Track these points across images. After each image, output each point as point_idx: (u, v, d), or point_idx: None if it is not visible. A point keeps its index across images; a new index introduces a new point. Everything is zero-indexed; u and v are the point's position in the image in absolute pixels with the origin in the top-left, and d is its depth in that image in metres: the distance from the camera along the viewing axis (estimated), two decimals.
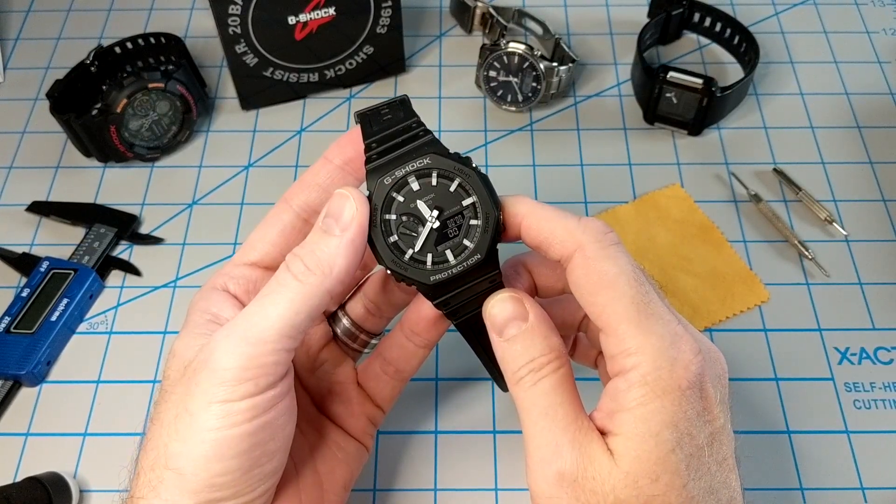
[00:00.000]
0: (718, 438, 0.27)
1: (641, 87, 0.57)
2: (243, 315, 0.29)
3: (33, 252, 0.51)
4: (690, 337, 0.27)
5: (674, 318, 0.28)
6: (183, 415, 0.28)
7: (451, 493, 0.42)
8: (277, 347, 0.28)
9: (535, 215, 0.29)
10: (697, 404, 0.27)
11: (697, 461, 0.26)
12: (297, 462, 0.33)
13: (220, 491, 0.28)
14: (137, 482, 0.29)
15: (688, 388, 0.26)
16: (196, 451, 0.27)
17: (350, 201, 0.29)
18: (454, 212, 0.30)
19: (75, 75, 0.54)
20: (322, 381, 0.36)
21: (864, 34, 0.62)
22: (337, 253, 0.29)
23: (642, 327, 0.27)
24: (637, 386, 0.26)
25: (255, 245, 0.33)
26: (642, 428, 0.26)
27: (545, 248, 0.29)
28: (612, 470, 0.26)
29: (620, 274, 0.27)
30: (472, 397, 0.45)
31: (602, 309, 0.27)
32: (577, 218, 0.29)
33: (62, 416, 0.45)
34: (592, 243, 0.28)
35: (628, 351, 0.27)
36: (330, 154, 0.32)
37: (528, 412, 0.29)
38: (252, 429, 0.28)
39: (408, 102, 0.31)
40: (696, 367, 0.27)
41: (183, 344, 0.30)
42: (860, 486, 0.42)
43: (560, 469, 0.27)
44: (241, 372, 0.27)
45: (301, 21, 0.53)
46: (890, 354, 0.47)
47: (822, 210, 0.51)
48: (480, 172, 0.30)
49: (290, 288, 0.28)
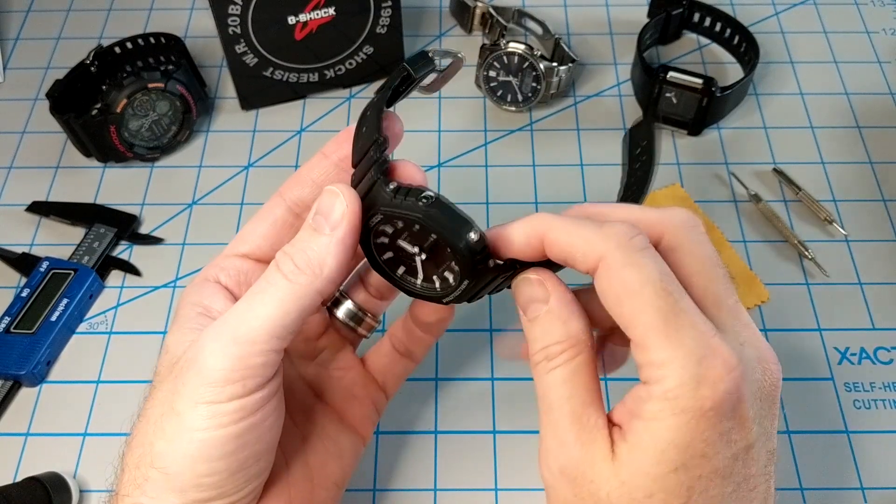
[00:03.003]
0: (743, 458, 0.26)
1: (641, 87, 0.57)
2: (232, 313, 0.28)
3: (33, 252, 0.51)
4: (729, 349, 0.25)
5: (709, 328, 0.26)
6: (169, 414, 0.28)
7: (451, 493, 0.42)
8: (266, 348, 0.28)
9: (555, 230, 0.28)
10: (722, 424, 0.25)
11: (707, 483, 0.25)
12: (288, 456, 0.33)
13: (207, 491, 0.28)
14: (123, 479, 0.29)
15: (711, 408, 0.25)
16: (182, 451, 0.27)
17: (340, 198, 0.28)
18: (431, 244, 0.29)
19: (75, 75, 0.54)
20: (322, 368, 0.36)
21: (864, 34, 0.62)
22: (327, 252, 0.28)
23: (671, 339, 0.25)
24: (657, 400, 0.25)
25: (247, 237, 0.33)
26: (649, 442, 0.25)
27: (571, 263, 0.28)
28: (609, 477, 0.26)
29: (646, 282, 0.26)
30: (472, 397, 0.45)
31: (628, 320, 0.26)
32: (599, 225, 0.27)
33: (62, 416, 0.45)
34: (614, 251, 0.26)
35: (654, 363, 0.25)
36: (327, 150, 0.32)
37: (541, 400, 0.28)
38: (239, 430, 0.27)
39: (371, 118, 0.30)
40: (725, 385, 0.25)
41: (174, 339, 0.30)
42: (860, 486, 0.42)
43: (562, 465, 0.27)
44: (229, 373, 0.27)
45: (301, 21, 0.53)
46: (890, 354, 0.47)
47: (821, 210, 0.51)
48: (429, 205, 0.28)
49: (280, 287, 0.28)
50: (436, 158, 0.55)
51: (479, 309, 0.48)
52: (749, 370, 0.26)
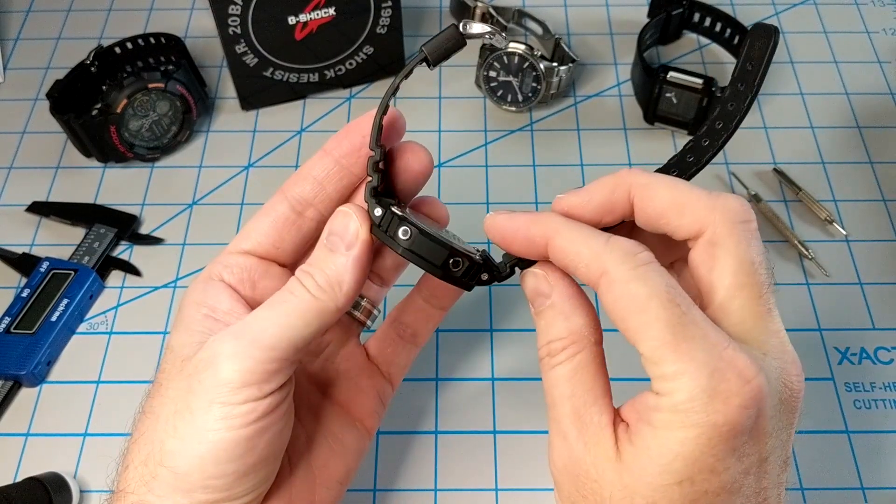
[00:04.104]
0: (756, 472, 0.25)
1: (641, 87, 0.57)
2: (253, 318, 0.29)
3: (33, 252, 0.51)
4: (746, 360, 0.24)
5: (722, 339, 0.25)
6: (183, 412, 0.28)
7: (451, 494, 0.42)
8: (283, 356, 0.28)
9: (561, 236, 0.28)
10: (736, 440, 0.24)
11: (713, 498, 0.25)
12: (291, 457, 0.33)
13: (213, 493, 0.28)
14: (126, 476, 0.29)
15: (724, 423, 0.24)
16: (193, 451, 0.27)
17: (353, 219, 0.29)
18: None
19: (75, 75, 0.54)
20: (328, 363, 0.36)
21: (864, 34, 0.62)
22: (345, 270, 0.29)
23: (680, 351, 0.24)
24: (667, 411, 0.25)
25: (250, 234, 0.33)
26: (656, 451, 0.25)
27: (572, 272, 0.28)
28: (613, 479, 0.26)
29: (652, 296, 0.25)
30: (472, 397, 0.45)
31: (636, 334, 0.26)
32: (606, 237, 0.27)
33: (62, 416, 0.45)
34: (619, 265, 0.26)
35: (665, 377, 0.25)
36: (328, 146, 0.32)
37: (547, 394, 0.28)
38: (250, 433, 0.28)
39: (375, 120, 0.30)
40: (740, 399, 0.24)
41: (179, 340, 0.30)
42: (860, 486, 0.42)
43: (566, 462, 0.27)
44: (247, 375, 0.27)
45: (301, 21, 0.53)
46: (890, 354, 0.47)
47: (822, 210, 0.51)
48: (407, 240, 0.29)
49: (303, 300, 0.29)
50: (436, 158, 0.55)
51: (479, 309, 0.48)
52: (768, 381, 0.25)
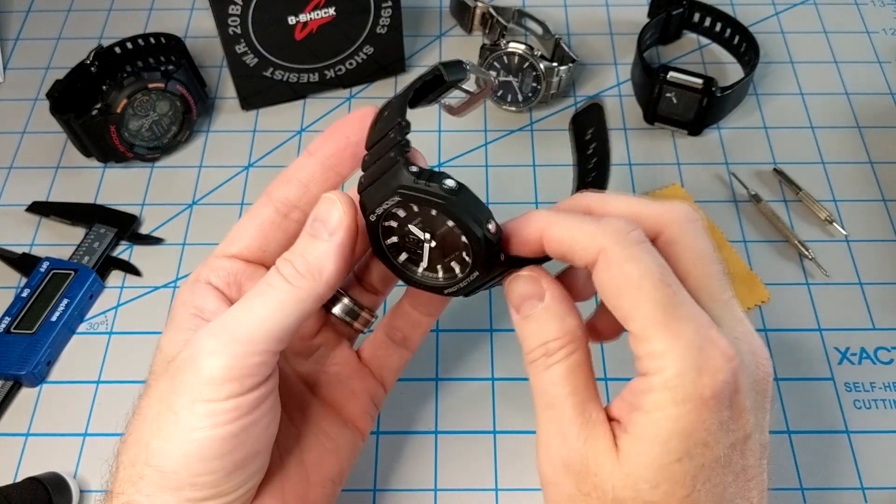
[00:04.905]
0: (741, 448, 0.27)
1: (641, 87, 0.57)
2: (231, 314, 0.29)
3: (33, 252, 0.51)
4: (726, 341, 0.26)
5: (707, 320, 0.26)
6: (166, 412, 0.28)
7: (451, 493, 0.42)
8: (264, 349, 0.28)
9: (554, 226, 0.28)
10: (721, 413, 0.26)
11: (710, 472, 0.26)
12: (283, 454, 0.33)
13: (202, 490, 0.28)
14: (118, 476, 0.29)
15: (711, 397, 0.25)
16: (178, 450, 0.27)
17: (337, 205, 0.29)
18: (444, 232, 0.29)
19: (75, 75, 0.54)
20: (319, 365, 0.36)
21: (864, 34, 0.62)
22: (326, 257, 0.29)
23: (670, 330, 0.26)
24: (657, 390, 0.26)
25: (236, 238, 0.33)
26: (652, 433, 0.26)
27: (570, 258, 0.28)
28: (613, 469, 0.26)
29: (644, 275, 0.26)
30: (472, 397, 0.45)
31: (627, 312, 0.26)
32: (597, 220, 0.28)
33: (62, 416, 0.45)
34: (614, 245, 0.26)
35: (654, 354, 0.26)
36: (312, 147, 0.32)
37: (539, 397, 0.29)
38: (235, 430, 0.28)
39: (395, 103, 0.29)
40: (724, 374, 0.25)
41: (168, 339, 0.30)
42: (860, 486, 0.42)
43: (565, 460, 0.27)
44: (227, 371, 0.27)
45: (301, 21, 0.53)
46: (890, 354, 0.47)
47: (822, 210, 0.51)
48: (452, 191, 0.27)
49: (281, 290, 0.29)
50: (436, 158, 0.55)
51: (479, 308, 0.48)
52: (744, 362, 0.27)
